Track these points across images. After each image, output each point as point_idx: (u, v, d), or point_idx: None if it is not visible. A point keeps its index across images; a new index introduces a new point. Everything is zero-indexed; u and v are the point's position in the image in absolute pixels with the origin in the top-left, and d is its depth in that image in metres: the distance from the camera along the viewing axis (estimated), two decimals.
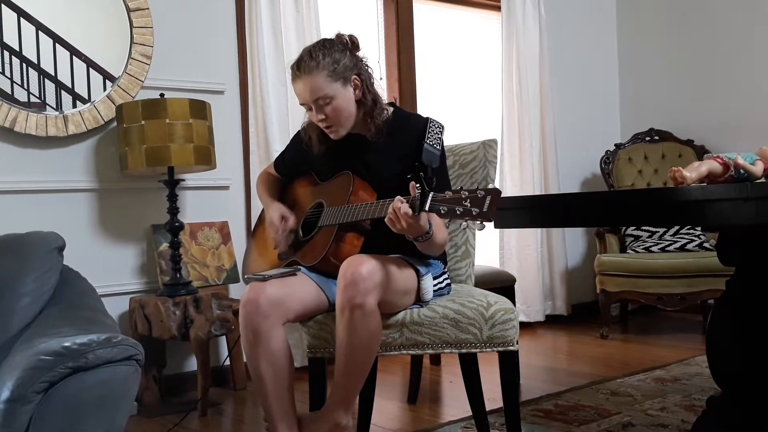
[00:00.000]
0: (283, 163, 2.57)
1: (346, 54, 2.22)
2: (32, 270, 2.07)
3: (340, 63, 2.19)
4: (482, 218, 1.78)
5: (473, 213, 1.78)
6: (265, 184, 2.58)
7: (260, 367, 2.07)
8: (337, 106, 2.19)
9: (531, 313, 4.60)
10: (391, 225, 1.96)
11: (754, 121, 4.56)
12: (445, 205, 1.82)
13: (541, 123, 4.65)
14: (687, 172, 1.73)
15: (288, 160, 2.54)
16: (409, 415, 2.93)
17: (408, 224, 1.92)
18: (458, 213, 1.80)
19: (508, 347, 2.14)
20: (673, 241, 4.36)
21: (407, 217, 1.91)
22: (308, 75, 2.16)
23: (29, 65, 3.07)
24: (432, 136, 2.22)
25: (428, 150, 2.18)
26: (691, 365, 3.45)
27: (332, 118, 2.20)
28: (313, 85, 2.16)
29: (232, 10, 3.63)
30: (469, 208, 1.79)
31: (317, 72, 2.15)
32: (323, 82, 2.16)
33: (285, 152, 2.58)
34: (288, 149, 2.56)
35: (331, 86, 2.17)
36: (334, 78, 2.17)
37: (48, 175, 3.14)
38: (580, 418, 2.71)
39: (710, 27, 4.82)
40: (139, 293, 3.31)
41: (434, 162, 2.18)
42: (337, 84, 2.18)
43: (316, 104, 2.19)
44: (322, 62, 2.16)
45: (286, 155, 2.56)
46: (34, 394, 1.56)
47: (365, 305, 1.96)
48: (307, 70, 2.16)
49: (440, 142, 2.24)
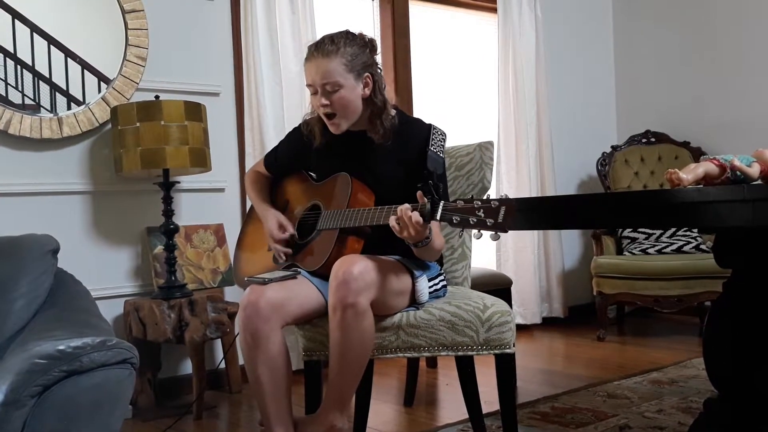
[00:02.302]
0: (276, 159, 2.53)
1: (365, 51, 2.23)
2: (26, 273, 2.06)
3: (358, 57, 2.20)
4: (497, 229, 1.77)
5: (488, 224, 1.77)
6: (256, 186, 2.55)
7: (258, 370, 2.06)
8: (344, 96, 2.18)
9: (527, 316, 4.59)
10: (398, 232, 1.96)
11: (751, 123, 4.57)
12: (458, 215, 1.81)
13: (538, 125, 4.65)
14: (683, 174, 1.72)
15: (281, 156, 2.51)
16: (406, 418, 2.92)
17: (416, 231, 1.93)
18: (472, 223, 1.79)
19: (505, 350, 2.14)
20: (670, 243, 4.36)
21: (417, 226, 1.91)
22: (325, 57, 2.16)
23: (24, 67, 3.06)
24: (435, 143, 2.22)
25: (432, 157, 2.18)
26: (688, 367, 3.45)
27: (336, 107, 2.19)
28: (327, 68, 2.16)
29: (228, 11, 3.62)
30: (484, 218, 1.78)
31: (334, 57, 2.16)
32: (337, 69, 2.16)
33: (278, 148, 2.55)
34: (282, 145, 2.53)
35: (343, 75, 2.17)
36: (349, 69, 2.17)
37: (42, 178, 3.12)
38: (576, 421, 2.70)
39: (706, 29, 4.83)
40: (134, 296, 3.29)
41: (438, 169, 2.18)
42: (350, 75, 2.18)
43: (323, 89, 2.18)
44: (342, 50, 2.17)
45: (279, 151, 2.53)
46: (28, 397, 1.55)
47: (357, 305, 1.96)
48: (325, 53, 2.16)
49: (443, 149, 2.24)
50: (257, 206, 2.49)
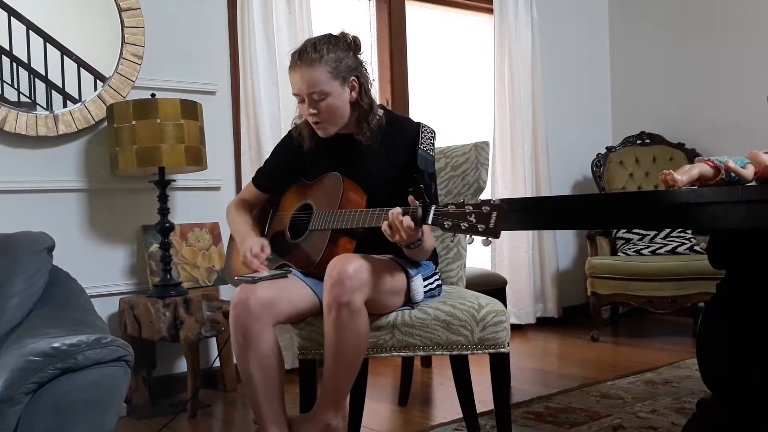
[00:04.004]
0: (267, 175, 2.44)
1: (349, 54, 2.19)
2: (21, 270, 2.05)
3: (342, 62, 2.16)
4: (488, 234, 1.77)
5: (479, 229, 1.77)
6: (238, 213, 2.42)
7: (250, 369, 2.06)
8: (332, 104, 2.16)
9: (522, 316, 4.60)
10: (390, 236, 1.95)
11: (745, 125, 4.58)
12: (450, 220, 1.82)
13: (533, 125, 4.66)
14: (678, 175, 1.73)
15: (273, 169, 2.43)
16: (400, 417, 2.93)
17: (408, 235, 1.93)
18: (463, 228, 1.79)
19: (499, 349, 2.14)
20: (664, 244, 4.38)
21: (409, 230, 1.91)
22: (309, 67, 2.13)
23: (19, 64, 3.05)
24: (425, 142, 2.21)
25: (423, 156, 2.17)
26: (682, 368, 3.46)
27: (324, 114, 2.18)
28: (312, 78, 2.13)
29: (224, 10, 3.62)
30: (475, 223, 1.78)
31: (318, 66, 2.12)
32: (322, 77, 2.13)
33: (267, 163, 2.47)
34: (271, 158, 2.46)
35: (329, 83, 2.14)
36: (334, 75, 2.14)
37: (38, 175, 3.12)
38: (570, 421, 2.71)
39: (702, 31, 4.84)
40: (129, 294, 3.29)
41: (429, 167, 2.17)
42: (336, 82, 2.15)
43: (310, 98, 2.15)
44: (326, 57, 2.13)
45: (269, 165, 2.46)
46: (22, 395, 1.55)
47: (352, 304, 1.96)
48: (309, 62, 2.13)
49: (432, 147, 2.23)
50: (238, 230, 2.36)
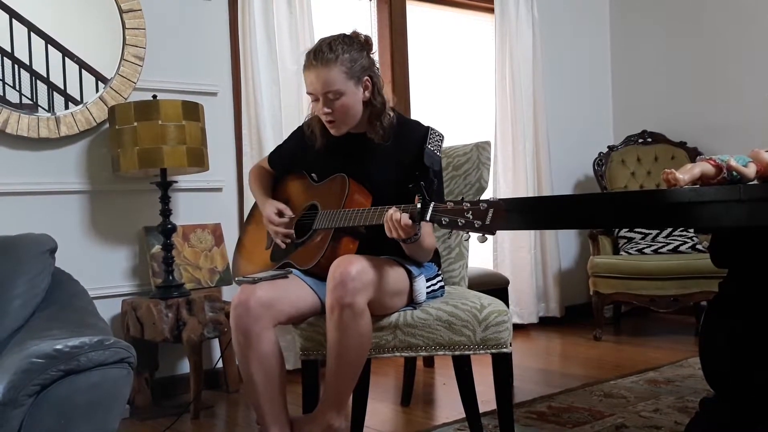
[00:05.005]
0: (279, 157, 2.53)
1: (363, 54, 2.22)
2: (24, 272, 2.06)
3: (357, 62, 2.19)
4: (484, 231, 1.79)
5: (475, 225, 1.79)
6: (258, 179, 2.55)
7: (251, 370, 2.06)
8: (346, 103, 2.18)
9: (524, 315, 4.60)
10: (389, 232, 1.97)
11: (747, 124, 4.58)
12: (447, 216, 1.83)
13: (535, 125, 4.66)
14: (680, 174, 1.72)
15: (285, 154, 2.51)
16: (403, 417, 2.93)
17: (406, 233, 1.94)
18: (460, 224, 1.81)
19: (502, 349, 2.14)
20: (666, 243, 4.37)
21: (406, 227, 1.93)
22: (324, 67, 2.15)
23: (21, 66, 3.06)
24: (433, 143, 2.23)
25: (429, 154, 2.19)
26: (684, 367, 3.46)
27: (338, 114, 2.19)
28: (328, 77, 2.15)
29: (225, 11, 3.62)
30: (472, 220, 1.79)
31: (334, 65, 2.15)
32: (338, 77, 2.15)
33: (283, 145, 2.55)
34: (287, 142, 2.53)
35: (344, 83, 2.16)
36: (349, 75, 2.17)
37: (40, 177, 3.12)
38: (573, 420, 2.71)
39: (702, 30, 4.84)
40: (132, 295, 3.29)
41: (435, 165, 2.19)
42: (351, 82, 2.17)
43: (325, 97, 2.17)
44: (341, 57, 2.15)
45: (283, 148, 2.53)
46: (25, 397, 1.55)
47: (354, 305, 1.96)
48: (324, 62, 2.15)
49: (440, 149, 2.25)
50: (257, 197, 2.50)
